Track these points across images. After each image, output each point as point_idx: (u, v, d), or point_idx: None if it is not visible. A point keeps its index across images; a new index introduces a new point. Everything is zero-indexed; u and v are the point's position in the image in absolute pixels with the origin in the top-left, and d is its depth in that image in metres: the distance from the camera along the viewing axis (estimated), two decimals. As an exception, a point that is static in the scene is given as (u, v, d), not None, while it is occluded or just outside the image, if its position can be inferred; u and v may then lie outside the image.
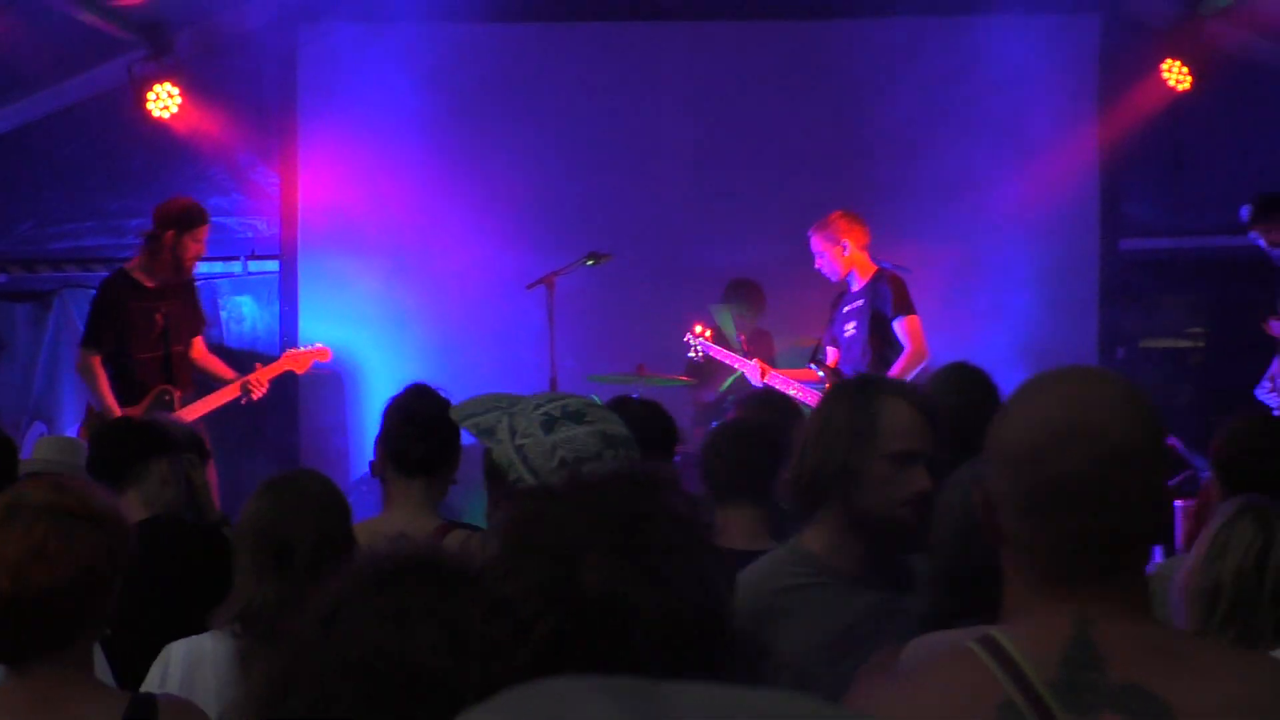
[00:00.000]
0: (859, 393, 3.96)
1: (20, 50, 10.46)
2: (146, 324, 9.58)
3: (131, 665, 4.27)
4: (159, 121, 11.44)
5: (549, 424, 3.11)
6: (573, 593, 1.63)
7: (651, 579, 1.66)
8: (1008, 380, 6.06)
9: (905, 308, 9.60)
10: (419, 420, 5.29)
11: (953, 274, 11.52)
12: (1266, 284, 10.34)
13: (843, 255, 9.74)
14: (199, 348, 9.95)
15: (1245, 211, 10.16)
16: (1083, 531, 2.24)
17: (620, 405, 5.59)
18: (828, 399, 4.18)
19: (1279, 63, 11.88)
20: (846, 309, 9.87)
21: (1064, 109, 12.03)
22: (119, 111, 11.62)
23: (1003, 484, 2.33)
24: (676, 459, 10.46)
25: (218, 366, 10.08)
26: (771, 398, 7.51)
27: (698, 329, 10.47)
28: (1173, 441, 10.96)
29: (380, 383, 10.93)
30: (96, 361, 9.36)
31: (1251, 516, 3.94)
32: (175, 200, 10.07)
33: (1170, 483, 8.47)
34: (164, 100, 11.36)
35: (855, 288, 9.83)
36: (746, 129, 12.01)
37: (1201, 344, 12.44)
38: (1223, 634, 3.87)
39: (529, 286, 10.49)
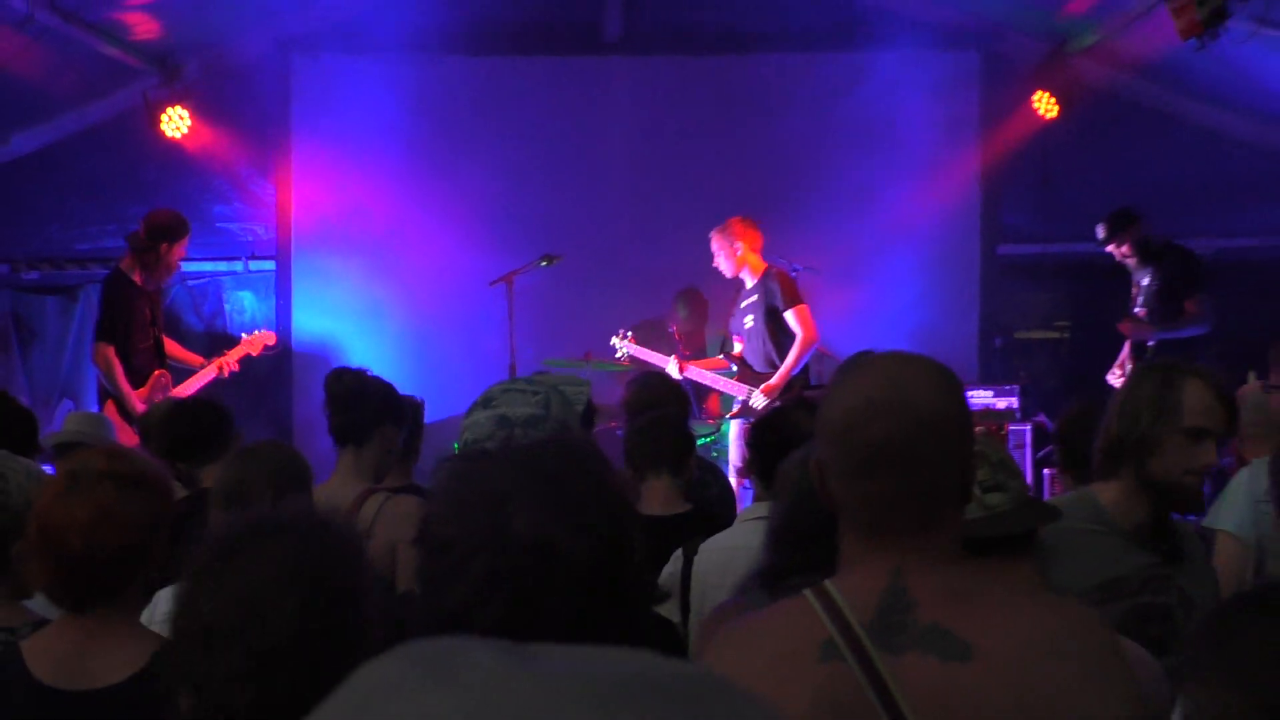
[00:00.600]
0: (1165, 372, 3.93)
1: (49, 78, 10.55)
2: (141, 317, 9.74)
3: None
4: (170, 139, 11.75)
5: (470, 412, 3.17)
6: (504, 535, 1.64)
7: (573, 525, 1.67)
8: None
9: (794, 299, 9.77)
10: (336, 397, 5.45)
11: (855, 274, 11.88)
12: (1121, 284, 10.53)
13: (736, 255, 9.92)
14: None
15: (1099, 230, 10.36)
16: (895, 491, 2.27)
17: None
18: (1135, 376, 4.11)
19: (1133, 94, 12.22)
20: (744, 304, 10.03)
21: (949, 133, 12.31)
22: (135, 131, 11.88)
23: (828, 452, 2.35)
24: (619, 433, 10.98)
25: (181, 351, 10.26)
26: (650, 380, 7.37)
27: (622, 333, 10.72)
28: (1041, 418, 11.59)
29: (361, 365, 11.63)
30: (112, 352, 9.46)
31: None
32: (164, 213, 10.14)
33: (1040, 454, 8.86)
34: (174, 121, 11.70)
35: (749, 284, 10.02)
36: (677, 149, 12.30)
37: (1066, 334, 12.74)
38: None
39: (491, 283, 10.72)
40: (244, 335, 10.56)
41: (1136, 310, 10.35)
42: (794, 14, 11.97)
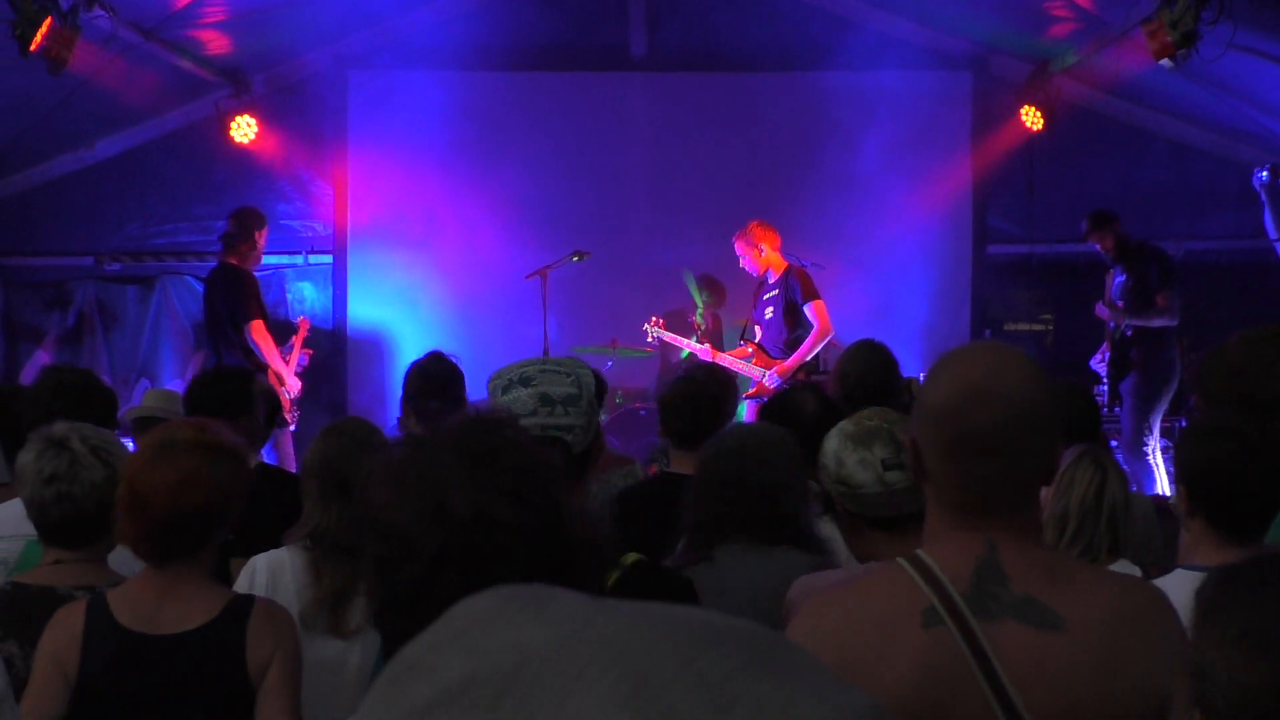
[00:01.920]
0: None
1: (131, 89, 10.53)
2: (260, 300, 10.06)
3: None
4: (239, 145, 11.84)
5: (507, 389, 3.10)
6: (446, 514, 1.62)
7: (506, 496, 1.66)
8: (903, 352, 6.57)
9: (812, 294, 9.77)
10: (435, 379, 5.47)
11: (857, 271, 11.84)
12: (1100, 280, 10.52)
13: (760, 256, 9.94)
14: None
15: (1083, 225, 10.44)
16: (992, 475, 2.25)
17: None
18: None
19: (1110, 110, 12.27)
20: (765, 297, 10.00)
21: (943, 144, 12.39)
22: (207, 137, 12.00)
23: (927, 433, 2.32)
24: (642, 413, 11.09)
25: None
26: (714, 370, 7.37)
27: (654, 319, 10.76)
28: None
29: (410, 351, 11.01)
30: (265, 327, 9.83)
31: (1089, 459, 4.10)
32: (247, 208, 10.35)
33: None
34: (243, 129, 11.79)
35: (771, 280, 9.98)
36: (695, 156, 12.35)
37: (1051, 327, 12.62)
38: (1069, 550, 4.01)
39: (527, 277, 10.70)
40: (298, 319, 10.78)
41: (1113, 300, 10.34)
42: (804, 37, 12.04)
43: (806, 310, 9.83)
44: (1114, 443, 10.23)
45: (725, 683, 0.80)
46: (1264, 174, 10.40)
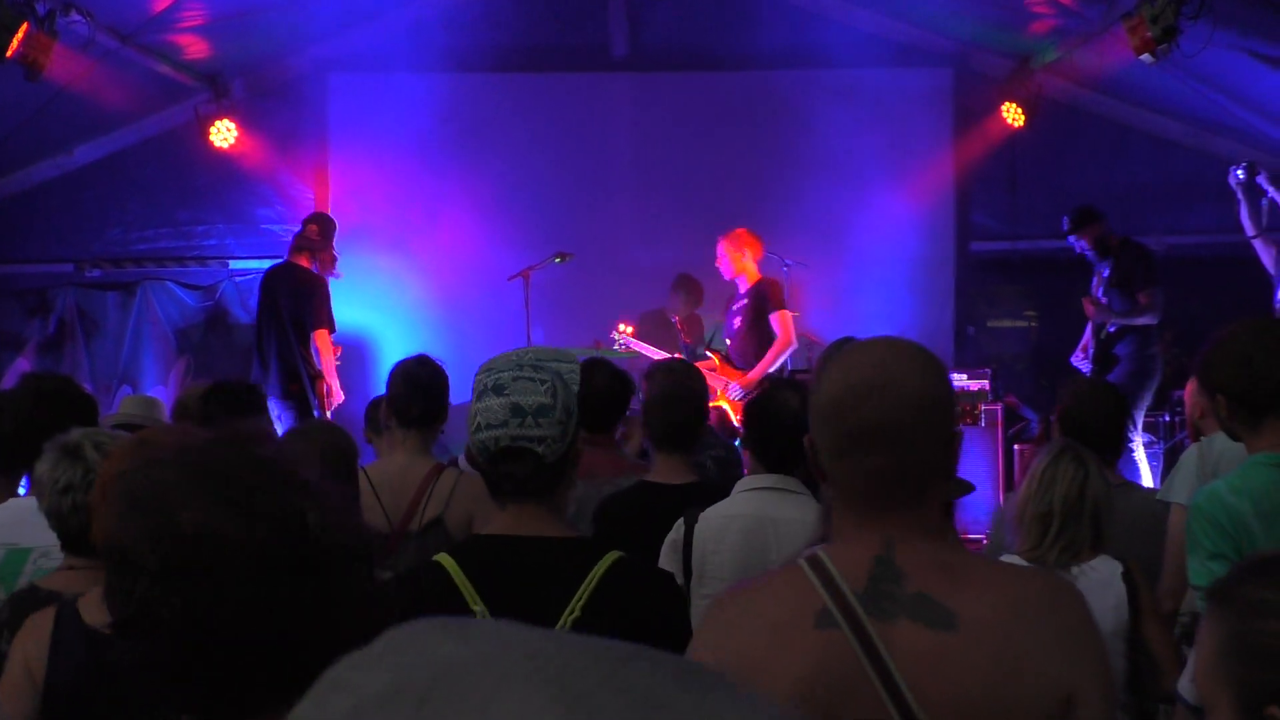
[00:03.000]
0: None
1: (111, 95, 10.50)
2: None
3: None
4: (219, 150, 11.81)
5: (481, 396, 3.07)
6: (171, 532, 1.59)
7: (242, 514, 1.62)
8: None
9: (779, 304, 9.75)
10: (418, 383, 5.37)
11: (841, 269, 11.91)
12: (1083, 276, 10.49)
13: (741, 261, 9.90)
14: None
15: (1065, 222, 10.35)
16: (883, 469, 2.22)
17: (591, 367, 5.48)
18: None
19: (1091, 106, 12.30)
20: (735, 307, 10.00)
21: (926, 141, 12.42)
22: (187, 142, 11.99)
23: (820, 432, 2.30)
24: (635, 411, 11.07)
25: None
26: (690, 366, 7.25)
27: (621, 327, 10.79)
28: (1012, 399, 11.66)
29: (392, 352, 11.02)
30: (329, 336, 10.14)
31: (1070, 456, 4.13)
32: (321, 214, 10.64)
33: (1011, 431, 8.93)
34: (223, 133, 11.77)
35: (742, 290, 9.98)
36: (677, 156, 12.31)
37: (1034, 323, 12.67)
38: (1054, 547, 4.06)
39: (510, 278, 10.79)
40: None
41: (1098, 298, 10.34)
42: (786, 35, 12.03)
43: (772, 320, 9.80)
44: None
45: (653, 690, 0.80)
46: (1240, 172, 10.43)
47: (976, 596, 2.20)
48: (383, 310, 12.20)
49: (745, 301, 9.95)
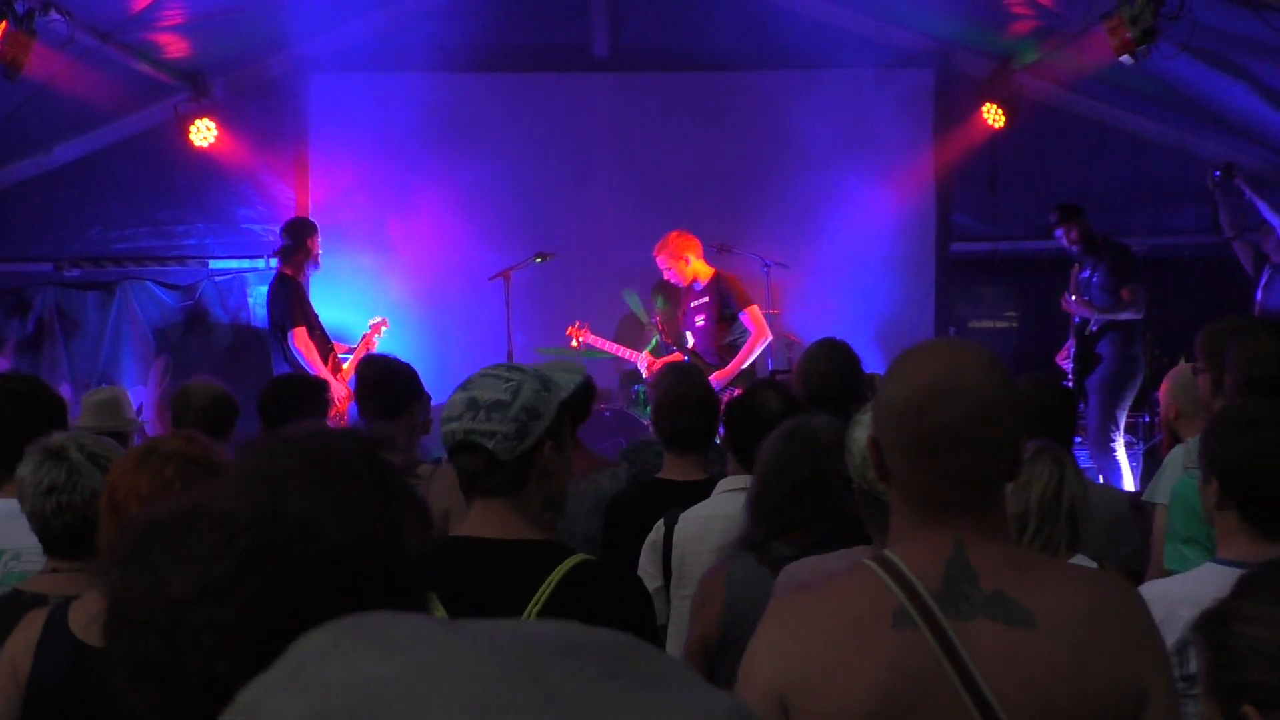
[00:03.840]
0: None
1: (88, 93, 10.50)
2: (310, 307, 10.34)
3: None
4: (199, 149, 11.72)
5: (455, 391, 3.11)
6: (273, 513, 1.58)
7: (340, 507, 1.61)
8: (867, 350, 6.62)
9: (745, 301, 9.78)
10: (367, 380, 5.57)
11: (822, 270, 11.93)
12: (1062, 278, 10.48)
13: (687, 266, 9.88)
14: None
15: (1051, 216, 10.44)
16: (955, 471, 2.23)
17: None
18: None
19: (1072, 107, 12.32)
20: (694, 304, 10.01)
21: (907, 141, 12.35)
22: (167, 141, 11.92)
23: (888, 432, 2.30)
24: (606, 414, 11.07)
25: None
26: (696, 368, 7.04)
27: (576, 325, 10.69)
28: None
29: (374, 355, 11.67)
30: (306, 334, 10.07)
31: (1047, 456, 4.08)
32: (297, 218, 10.68)
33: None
34: (203, 132, 11.67)
35: (699, 288, 9.98)
36: (659, 156, 12.25)
37: (1015, 324, 12.71)
38: (1030, 547, 3.96)
39: (490, 279, 10.78)
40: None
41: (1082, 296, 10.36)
42: (766, 35, 12.02)
43: (742, 318, 9.81)
44: (1078, 439, 10.30)
45: (579, 698, 0.79)
46: (1217, 174, 10.50)
47: (1051, 595, 2.21)
48: (363, 310, 11.93)
49: (706, 299, 9.96)
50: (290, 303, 10.11)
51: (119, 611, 1.62)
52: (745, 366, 9.69)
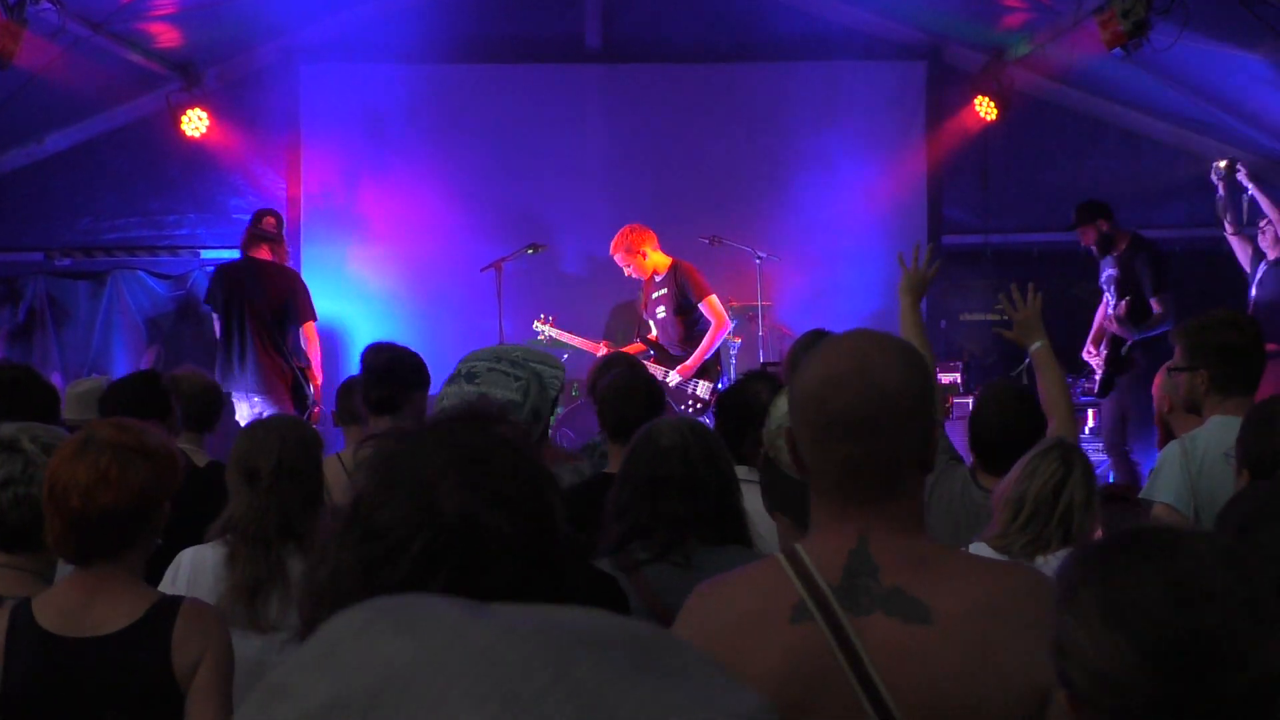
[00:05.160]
0: None
1: (81, 83, 10.47)
2: None
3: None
4: (190, 139, 11.75)
5: (454, 380, 3.08)
6: (435, 516, 1.59)
7: (496, 501, 1.62)
8: None
9: (704, 292, 9.85)
10: (374, 369, 5.45)
11: (813, 262, 11.91)
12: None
13: (644, 260, 10.00)
14: None
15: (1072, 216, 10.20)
16: (857, 458, 2.22)
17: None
18: None
19: (1063, 100, 12.28)
20: (655, 295, 10.08)
21: (898, 134, 12.33)
22: (158, 131, 11.92)
23: (796, 420, 2.31)
24: (582, 403, 10.98)
25: None
26: (638, 360, 7.27)
27: (543, 316, 10.63)
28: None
29: (363, 343, 11.12)
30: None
31: (1057, 453, 4.11)
32: (269, 209, 10.61)
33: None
34: (194, 122, 11.69)
35: (659, 279, 10.05)
36: (651, 148, 12.27)
37: (1004, 317, 12.50)
38: (1020, 536, 4.05)
39: (483, 269, 10.84)
40: None
41: (1106, 300, 10.21)
42: (759, 27, 12.03)
43: (701, 308, 9.88)
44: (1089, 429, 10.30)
45: (602, 691, 0.79)
46: (1220, 168, 10.48)
47: (951, 590, 2.20)
48: (354, 301, 12.15)
49: (665, 290, 10.02)
50: (308, 296, 10.19)
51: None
52: (709, 357, 9.71)
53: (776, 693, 2.14)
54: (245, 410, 9.79)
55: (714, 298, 9.89)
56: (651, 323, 10.19)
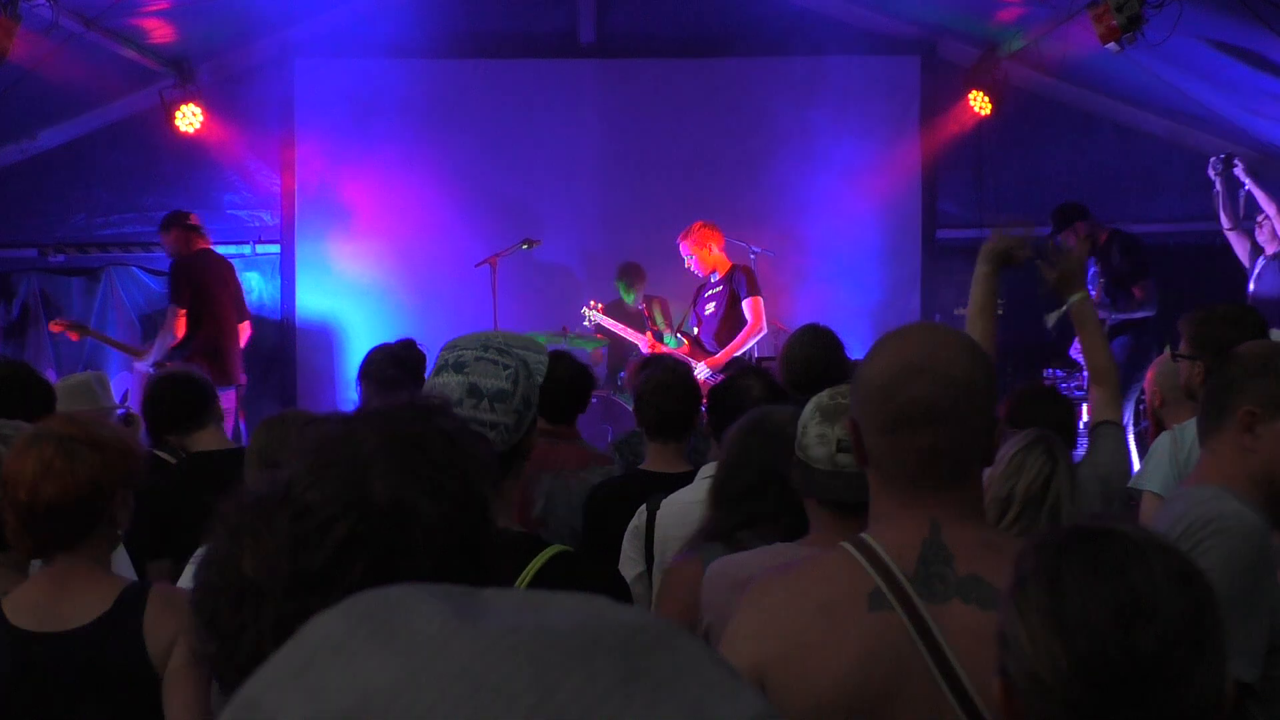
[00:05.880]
0: None
1: (75, 79, 10.51)
2: None
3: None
4: (184, 135, 11.74)
5: (440, 370, 2.99)
6: (365, 499, 1.57)
7: (428, 489, 1.61)
8: (852, 337, 6.57)
9: (754, 290, 9.88)
10: (408, 364, 5.51)
11: (807, 257, 12.01)
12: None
13: (709, 256, 10.05)
14: None
15: (1049, 228, 10.18)
16: (929, 448, 2.24)
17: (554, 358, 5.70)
18: None
19: (1058, 94, 12.29)
20: (708, 294, 10.12)
21: (893, 128, 12.36)
22: (152, 127, 11.91)
23: (866, 411, 2.32)
24: (593, 401, 11.10)
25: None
26: (678, 359, 7.09)
27: (593, 303, 10.81)
28: None
29: (358, 339, 11.46)
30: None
31: (1042, 447, 4.05)
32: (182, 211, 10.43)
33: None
34: (188, 118, 11.69)
35: (716, 279, 10.08)
36: (645, 142, 12.29)
37: (1000, 311, 12.27)
38: (1008, 532, 3.99)
39: (477, 265, 10.79)
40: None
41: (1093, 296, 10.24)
42: (753, 22, 12.03)
43: (745, 306, 9.91)
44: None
45: (590, 713, 0.78)
46: (1218, 163, 10.49)
47: None
48: (349, 296, 12.20)
49: (721, 288, 10.06)
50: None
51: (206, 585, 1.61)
52: (738, 355, 9.75)
53: (858, 680, 2.18)
54: None
55: (760, 300, 9.90)
56: (697, 320, 10.25)
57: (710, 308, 10.12)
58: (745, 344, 9.84)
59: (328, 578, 1.52)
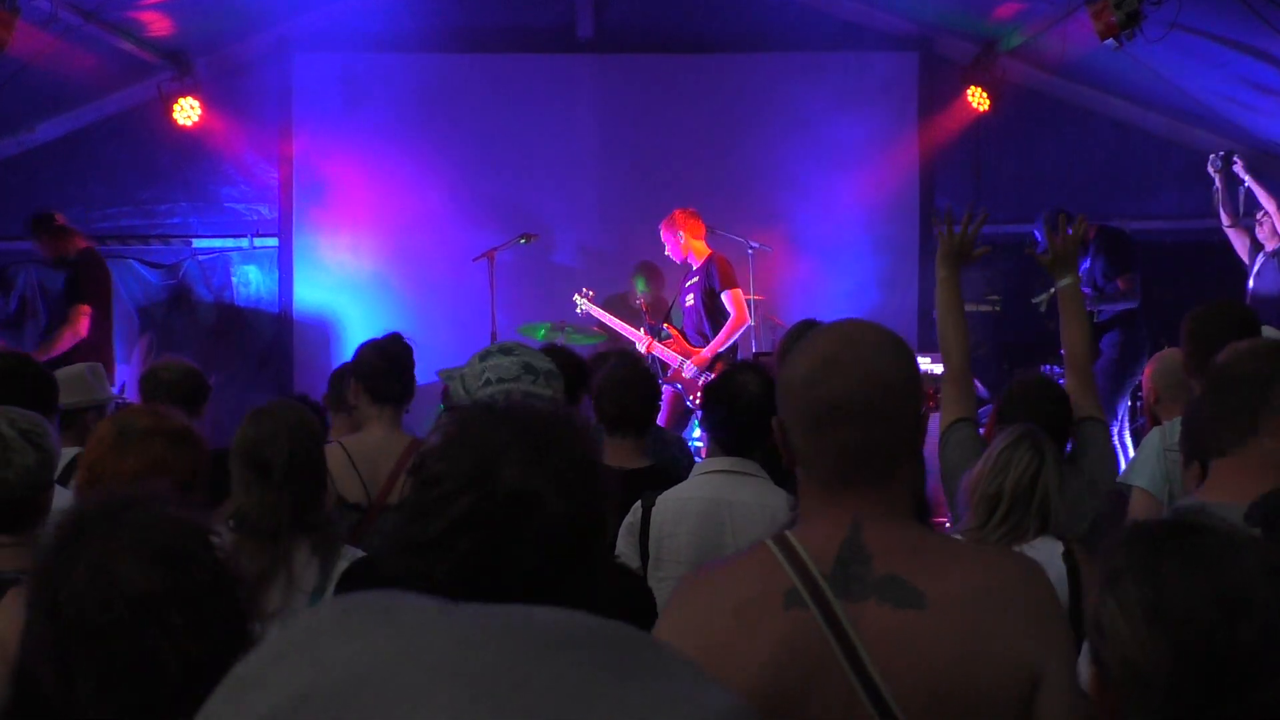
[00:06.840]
0: None
1: (71, 71, 10.54)
2: None
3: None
4: (182, 128, 11.72)
5: (484, 356, 3.12)
6: (492, 480, 1.62)
7: (557, 484, 1.65)
8: None
9: (730, 283, 9.83)
10: (397, 361, 5.48)
11: (805, 253, 11.97)
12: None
13: (680, 243, 10.04)
14: None
15: (1036, 231, 10.25)
16: (850, 443, 2.23)
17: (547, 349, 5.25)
18: None
19: (1056, 91, 12.28)
20: (687, 284, 10.16)
21: (891, 125, 12.27)
22: (150, 120, 11.90)
23: (788, 408, 2.31)
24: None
25: None
26: (637, 353, 7.11)
27: (584, 290, 10.83)
28: (974, 382, 11.68)
29: (355, 333, 11.31)
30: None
31: (1029, 443, 4.16)
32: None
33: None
34: (186, 111, 11.66)
35: (694, 268, 10.09)
36: (642, 138, 12.25)
37: (998, 308, 12.52)
38: (998, 529, 4.11)
39: (474, 259, 10.90)
40: None
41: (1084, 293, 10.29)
42: (751, 18, 12.02)
43: (724, 298, 9.88)
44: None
45: (582, 684, 0.79)
46: (1218, 160, 10.51)
47: (944, 576, 2.22)
48: (346, 291, 12.16)
49: (698, 279, 10.07)
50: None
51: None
52: (723, 350, 9.73)
53: (771, 679, 2.17)
54: None
55: (739, 292, 9.87)
56: (681, 310, 10.28)
57: (690, 299, 10.14)
58: (729, 339, 9.83)
59: (438, 544, 1.58)
